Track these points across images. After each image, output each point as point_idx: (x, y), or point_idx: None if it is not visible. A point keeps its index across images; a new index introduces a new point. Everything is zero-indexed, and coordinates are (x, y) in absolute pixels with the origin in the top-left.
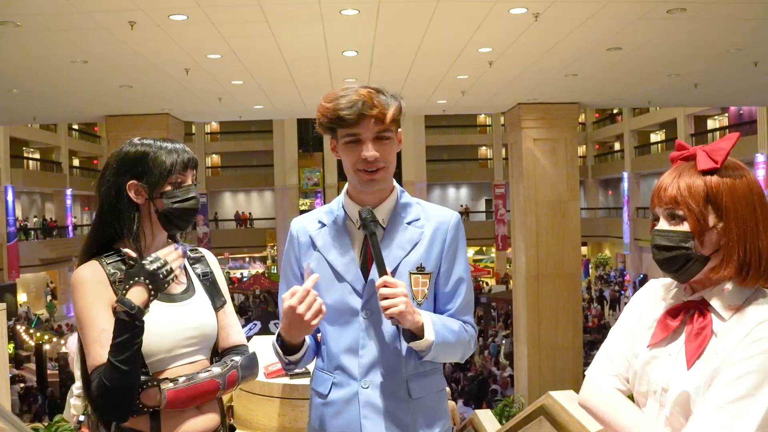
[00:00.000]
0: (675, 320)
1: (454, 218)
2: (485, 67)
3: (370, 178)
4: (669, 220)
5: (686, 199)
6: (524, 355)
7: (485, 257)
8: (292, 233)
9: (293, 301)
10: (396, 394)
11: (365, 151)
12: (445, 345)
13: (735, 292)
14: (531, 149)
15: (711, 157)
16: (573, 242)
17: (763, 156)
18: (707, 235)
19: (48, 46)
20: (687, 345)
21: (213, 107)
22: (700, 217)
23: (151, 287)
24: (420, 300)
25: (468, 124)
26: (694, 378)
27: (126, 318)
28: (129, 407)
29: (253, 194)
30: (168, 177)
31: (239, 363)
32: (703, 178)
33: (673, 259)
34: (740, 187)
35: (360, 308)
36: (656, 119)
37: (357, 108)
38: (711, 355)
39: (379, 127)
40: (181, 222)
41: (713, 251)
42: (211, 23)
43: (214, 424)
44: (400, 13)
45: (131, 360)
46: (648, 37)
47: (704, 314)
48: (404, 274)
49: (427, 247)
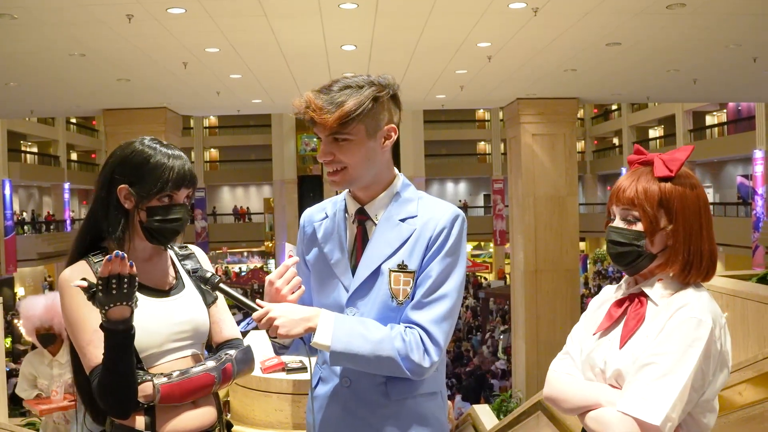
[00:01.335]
0: (618, 309)
1: (447, 215)
2: (484, 61)
3: (331, 179)
4: (624, 220)
5: (642, 202)
6: (522, 350)
7: (483, 252)
8: (302, 222)
9: (272, 276)
10: (374, 395)
11: (320, 153)
12: (351, 356)
13: (668, 283)
14: (530, 144)
15: (667, 165)
16: (571, 237)
17: (761, 152)
18: (657, 235)
19: (45, 39)
20: (623, 329)
21: (211, 101)
22: (653, 219)
23: (124, 302)
24: (401, 299)
25: (467, 119)
26: (625, 357)
27: (115, 336)
28: (130, 405)
29: (252, 188)
30: (158, 193)
31: (234, 356)
32: (659, 184)
33: (625, 254)
34: (690, 195)
35: (344, 305)
36: (655, 115)
37: (302, 112)
38: (642, 337)
39: (324, 130)
40: (161, 238)
41: (661, 250)
42: (210, 17)
43: (211, 419)
44: (399, 8)
45: (126, 365)
46: (647, 33)
47: (641, 303)
48: (386, 272)
49: (414, 245)
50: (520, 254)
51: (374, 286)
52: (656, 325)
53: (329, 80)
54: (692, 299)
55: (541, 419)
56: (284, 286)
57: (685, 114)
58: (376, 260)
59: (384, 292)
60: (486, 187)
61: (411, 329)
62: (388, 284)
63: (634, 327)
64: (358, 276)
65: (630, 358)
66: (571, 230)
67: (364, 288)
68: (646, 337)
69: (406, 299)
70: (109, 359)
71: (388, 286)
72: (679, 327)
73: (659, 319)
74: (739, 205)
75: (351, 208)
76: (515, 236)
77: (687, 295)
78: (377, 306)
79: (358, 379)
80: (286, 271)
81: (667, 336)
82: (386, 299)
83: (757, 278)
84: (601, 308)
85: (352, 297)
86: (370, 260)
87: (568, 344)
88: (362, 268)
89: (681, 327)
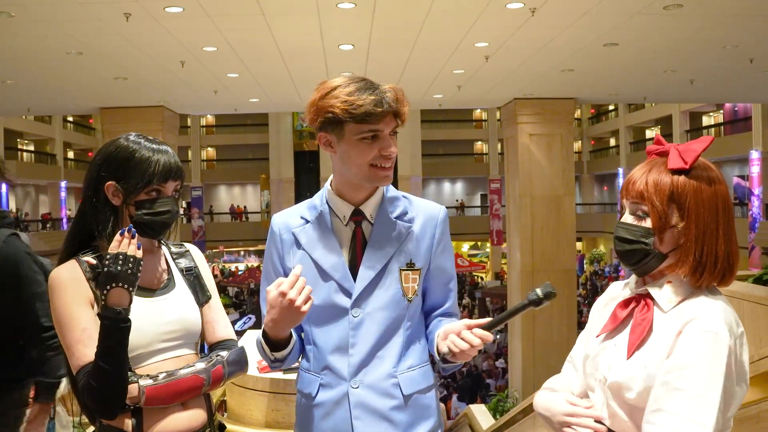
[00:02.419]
0: (624, 311)
1: (442, 212)
2: (481, 61)
3: (386, 174)
4: (634, 215)
5: (651, 195)
6: (518, 350)
7: (480, 252)
8: (274, 230)
9: (284, 287)
10: (388, 392)
11: (388, 146)
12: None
13: (677, 286)
14: (527, 144)
15: (682, 156)
16: (568, 237)
17: (758, 153)
18: (668, 232)
19: (43, 37)
20: (630, 336)
21: (208, 100)
22: (662, 215)
23: (126, 285)
24: (411, 297)
25: (464, 118)
26: (631, 368)
27: (112, 323)
28: (118, 405)
29: (249, 187)
30: (145, 187)
31: (225, 358)
32: (671, 177)
33: (632, 253)
34: (706, 190)
35: (349, 307)
36: (652, 115)
37: (387, 104)
38: (649, 348)
39: (396, 123)
40: (152, 232)
41: (671, 249)
42: (207, 15)
43: (200, 421)
44: (397, 7)
45: (119, 362)
46: (644, 33)
47: (648, 306)
48: (394, 270)
49: (417, 243)
50: (516, 254)
51: (379, 285)
52: (664, 337)
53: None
54: (704, 308)
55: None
56: (298, 296)
57: (681, 114)
58: (380, 259)
59: (393, 290)
60: (483, 187)
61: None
62: (399, 282)
63: (641, 335)
64: (364, 277)
65: (635, 370)
66: (567, 230)
67: (370, 289)
68: (653, 348)
69: (414, 296)
70: (102, 352)
71: (399, 285)
72: (695, 344)
73: (667, 329)
74: (735, 206)
75: (344, 210)
76: (512, 236)
77: (698, 303)
78: (387, 304)
79: (372, 380)
80: (296, 281)
81: (684, 355)
82: (397, 297)
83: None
84: (607, 307)
85: (357, 299)
86: (374, 260)
87: (575, 347)
88: (367, 269)
89: (698, 344)
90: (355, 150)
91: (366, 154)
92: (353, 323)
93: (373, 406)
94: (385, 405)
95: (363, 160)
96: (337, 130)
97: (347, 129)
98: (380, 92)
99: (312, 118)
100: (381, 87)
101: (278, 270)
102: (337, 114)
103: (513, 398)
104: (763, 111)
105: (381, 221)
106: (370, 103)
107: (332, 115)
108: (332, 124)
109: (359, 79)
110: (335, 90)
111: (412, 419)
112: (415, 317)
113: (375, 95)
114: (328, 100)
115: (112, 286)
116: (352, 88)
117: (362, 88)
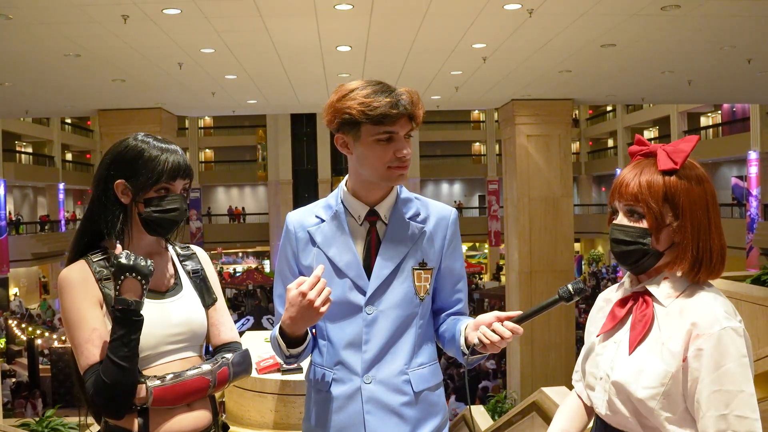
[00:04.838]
0: (622, 309)
1: (453, 214)
2: (479, 63)
3: (402, 173)
4: (628, 216)
5: (646, 197)
6: (517, 351)
7: (478, 253)
8: (289, 228)
9: (304, 287)
10: (399, 388)
11: (403, 148)
12: None
13: (675, 281)
14: (524, 145)
15: (671, 157)
16: (566, 238)
17: (756, 153)
18: (663, 232)
19: (40, 39)
20: (630, 333)
21: (206, 102)
22: (658, 215)
23: (140, 278)
24: (422, 296)
25: (461, 120)
26: (634, 364)
27: (125, 315)
28: (126, 404)
29: (246, 189)
30: (154, 185)
31: (231, 360)
32: (663, 178)
33: (629, 253)
34: (696, 188)
35: (363, 304)
36: (649, 116)
37: (403, 106)
38: (656, 344)
39: (411, 125)
40: (161, 230)
41: (667, 247)
42: (205, 17)
43: (205, 422)
44: (395, 9)
45: (130, 356)
46: (642, 34)
47: (647, 303)
48: (407, 269)
49: (429, 243)
50: (515, 255)
51: (393, 284)
52: (671, 331)
53: (325, 82)
54: (707, 303)
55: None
56: (317, 297)
57: (679, 115)
58: (394, 259)
59: (407, 289)
60: (481, 188)
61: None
62: (412, 281)
63: (642, 331)
64: (378, 276)
65: (641, 365)
66: (565, 231)
67: (384, 287)
68: (662, 344)
69: (426, 295)
70: (114, 347)
71: (412, 284)
72: (718, 345)
73: (671, 323)
74: (733, 206)
75: (359, 210)
76: (510, 237)
77: (701, 298)
78: (400, 303)
79: (385, 376)
80: (317, 281)
81: (713, 358)
82: (410, 296)
83: (752, 279)
84: (602, 311)
85: (372, 297)
86: (388, 259)
87: (581, 355)
88: (381, 268)
89: (720, 343)
90: (370, 151)
91: (381, 155)
92: (367, 320)
93: (384, 402)
94: (397, 401)
95: (379, 161)
96: (353, 131)
97: (363, 130)
98: (396, 95)
99: (329, 120)
100: (397, 90)
101: (293, 267)
102: (354, 115)
103: (511, 399)
104: (761, 111)
105: (395, 221)
106: (386, 105)
107: (349, 116)
108: (349, 125)
109: (376, 83)
110: (352, 92)
111: (421, 415)
112: (426, 316)
113: (391, 98)
114: (345, 102)
115: (126, 276)
116: (368, 90)
117: (379, 91)
